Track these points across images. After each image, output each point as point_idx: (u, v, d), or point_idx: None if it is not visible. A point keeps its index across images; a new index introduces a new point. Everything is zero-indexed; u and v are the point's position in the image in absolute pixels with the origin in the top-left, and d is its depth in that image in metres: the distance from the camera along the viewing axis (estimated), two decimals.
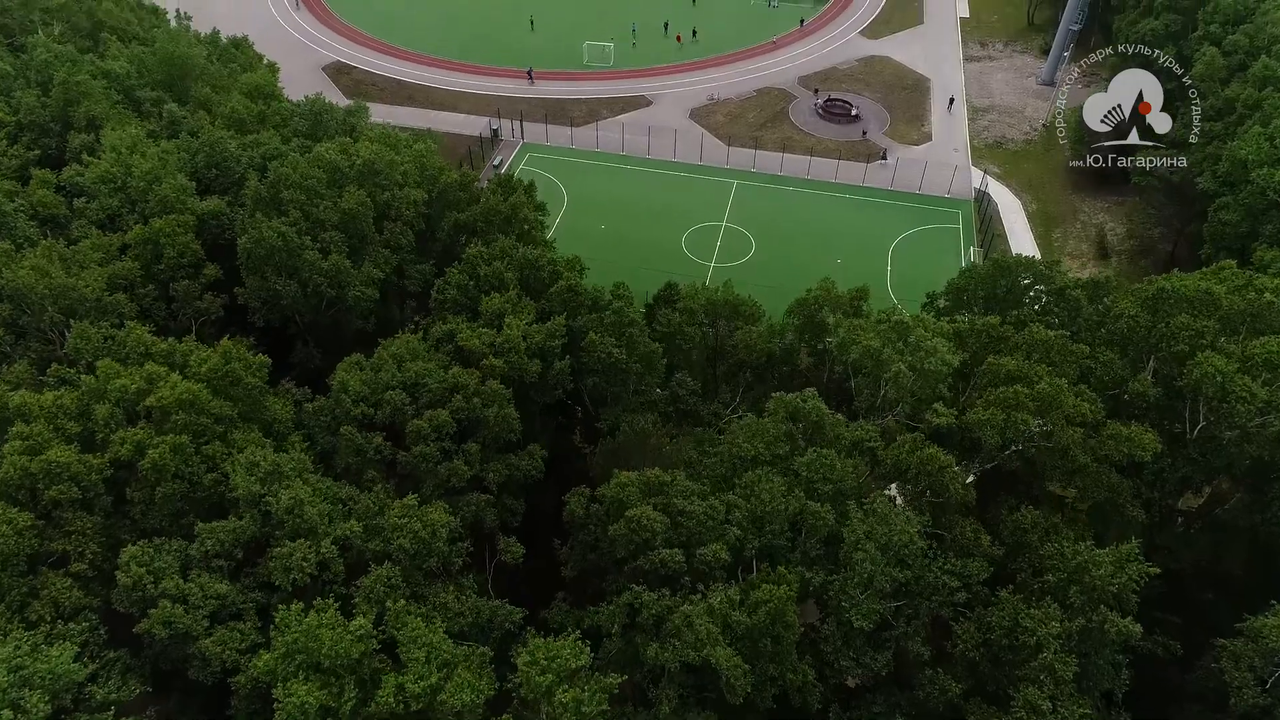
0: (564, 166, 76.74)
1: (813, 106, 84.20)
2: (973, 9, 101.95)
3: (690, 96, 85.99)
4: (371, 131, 44.06)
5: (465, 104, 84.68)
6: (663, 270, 66.28)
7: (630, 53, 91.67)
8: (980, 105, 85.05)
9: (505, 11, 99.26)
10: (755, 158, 76.96)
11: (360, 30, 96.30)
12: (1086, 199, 72.48)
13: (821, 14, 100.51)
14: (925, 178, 73.94)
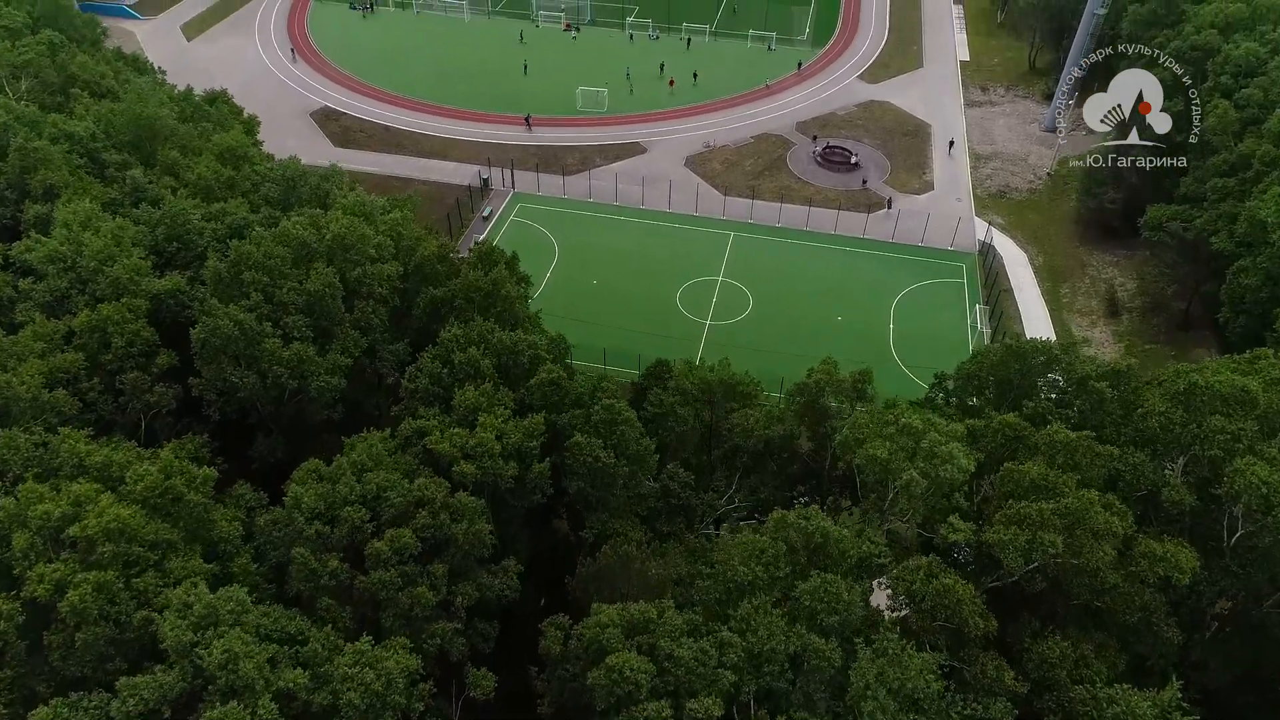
0: (555, 217, 74.46)
1: (811, 154, 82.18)
2: (973, 52, 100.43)
3: (686, 143, 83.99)
4: (345, 200, 41.57)
5: (456, 151, 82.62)
6: (656, 328, 63.91)
7: (625, 98, 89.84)
8: (983, 152, 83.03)
9: (498, 56, 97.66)
10: (752, 208, 74.72)
11: (351, 75, 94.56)
12: (1094, 252, 70.14)
13: (819, 57, 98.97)
14: (928, 229, 71.63)
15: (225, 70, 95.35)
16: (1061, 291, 67.17)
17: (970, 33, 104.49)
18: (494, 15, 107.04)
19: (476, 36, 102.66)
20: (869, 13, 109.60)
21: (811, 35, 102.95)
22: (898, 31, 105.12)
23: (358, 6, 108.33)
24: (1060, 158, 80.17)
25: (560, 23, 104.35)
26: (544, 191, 77.28)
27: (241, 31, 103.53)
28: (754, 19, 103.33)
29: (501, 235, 72.36)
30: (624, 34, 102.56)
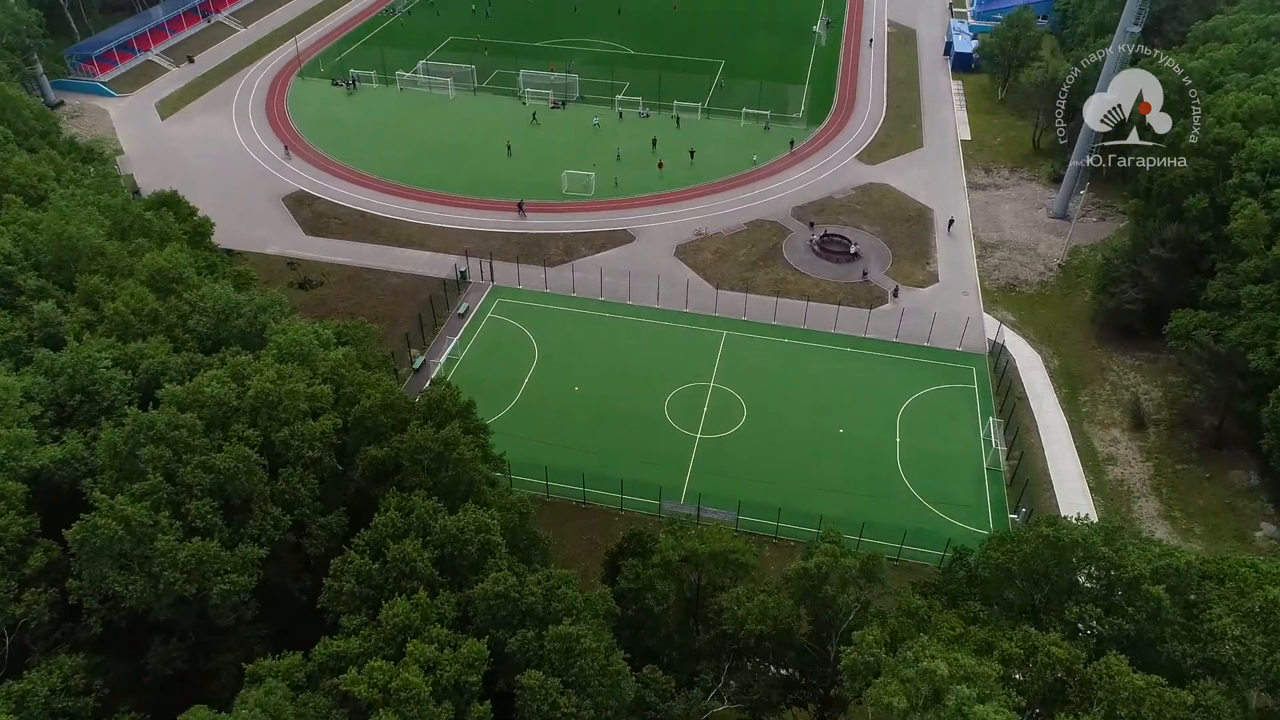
0: (536, 314, 69.74)
1: (808, 242, 77.88)
2: (974, 132, 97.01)
3: (676, 231, 79.76)
4: (281, 337, 36.59)
5: (434, 240, 78.31)
6: (642, 444, 58.65)
7: (613, 180, 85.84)
8: (989, 240, 78.74)
9: (481, 136, 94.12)
10: (746, 303, 70.05)
11: (328, 156, 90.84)
12: (1114, 354, 65.27)
13: (815, 136, 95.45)
14: (934, 327, 66.86)
15: (198, 151, 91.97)
16: (1080, 399, 62.12)
17: (970, 110, 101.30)
18: (480, 91, 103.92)
19: (461, 114, 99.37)
20: (866, 89, 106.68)
21: (807, 113, 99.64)
22: (896, 108, 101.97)
23: (340, 83, 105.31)
24: (1071, 247, 75.88)
25: (548, 100, 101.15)
26: (525, 284, 72.72)
27: (218, 110, 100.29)
28: (747, 96, 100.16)
29: (478, 335, 67.59)
30: (613, 111, 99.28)
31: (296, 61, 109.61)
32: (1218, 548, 50.62)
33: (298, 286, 72.49)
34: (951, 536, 50.84)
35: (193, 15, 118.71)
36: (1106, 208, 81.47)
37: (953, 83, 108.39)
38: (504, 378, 63.19)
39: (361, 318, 60.22)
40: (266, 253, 76.39)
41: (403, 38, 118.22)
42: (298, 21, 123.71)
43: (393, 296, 71.56)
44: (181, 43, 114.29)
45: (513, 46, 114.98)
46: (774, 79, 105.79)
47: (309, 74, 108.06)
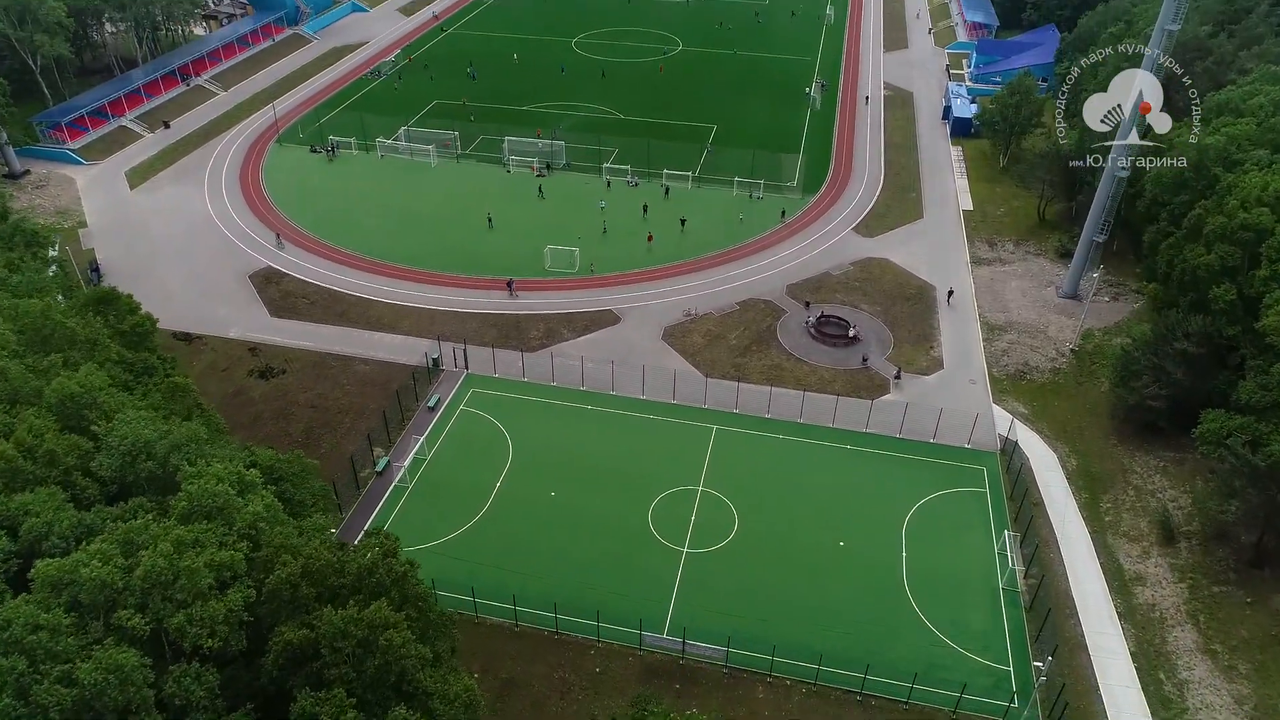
0: (512, 407, 64.82)
1: (804, 324, 73.30)
2: (976, 201, 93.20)
3: (664, 311, 75.24)
4: (194, 485, 31.50)
5: (407, 322, 73.72)
6: (624, 561, 53.24)
7: (599, 254, 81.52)
8: (995, 322, 74.19)
9: (462, 206, 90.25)
10: (738, 393, 65.20)
11: (300, 229, 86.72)
12: (1136, 453, 60.23)
13: (810, 207, 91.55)
14: (940, 422, 61.89)
15: (164, 223, 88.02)
16: (1102, 505, 56.92)
17: (972, 178, 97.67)
18: (462, 159, 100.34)
19: (443, 183, 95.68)
20: (863, 154, 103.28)
21: (802, 181, 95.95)
22: (894, 175, 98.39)
23: (319, 150, 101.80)
24: (1084, 330, 71.29)
25: (533, 167, 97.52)
26: (501, 372, 67.92)
27: (190, 178, 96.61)
28: (739, 164, 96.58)
29: (449, 431, 62.54)
30: (600, 180, 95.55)
31: (275, 128, 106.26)
32: (1267, 691, 45.13)
33: (258, 375, 67.70)
34: (967, 680, 45.56)
35: (171, 79, 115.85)
36: (1119, 286, 77.11)
37: (952, 148, 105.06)
38: (474, 482, 58.07)
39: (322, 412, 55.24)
40: (228, 336, 71.77)
41: (386, 103, 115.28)
42: (279, 85, 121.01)
43: (359, 386, 66.71)
44: (158, 107, 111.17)
45: (498, 111, 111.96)
46: (767, 146, 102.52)
47: (287, 140, 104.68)
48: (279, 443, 61.12)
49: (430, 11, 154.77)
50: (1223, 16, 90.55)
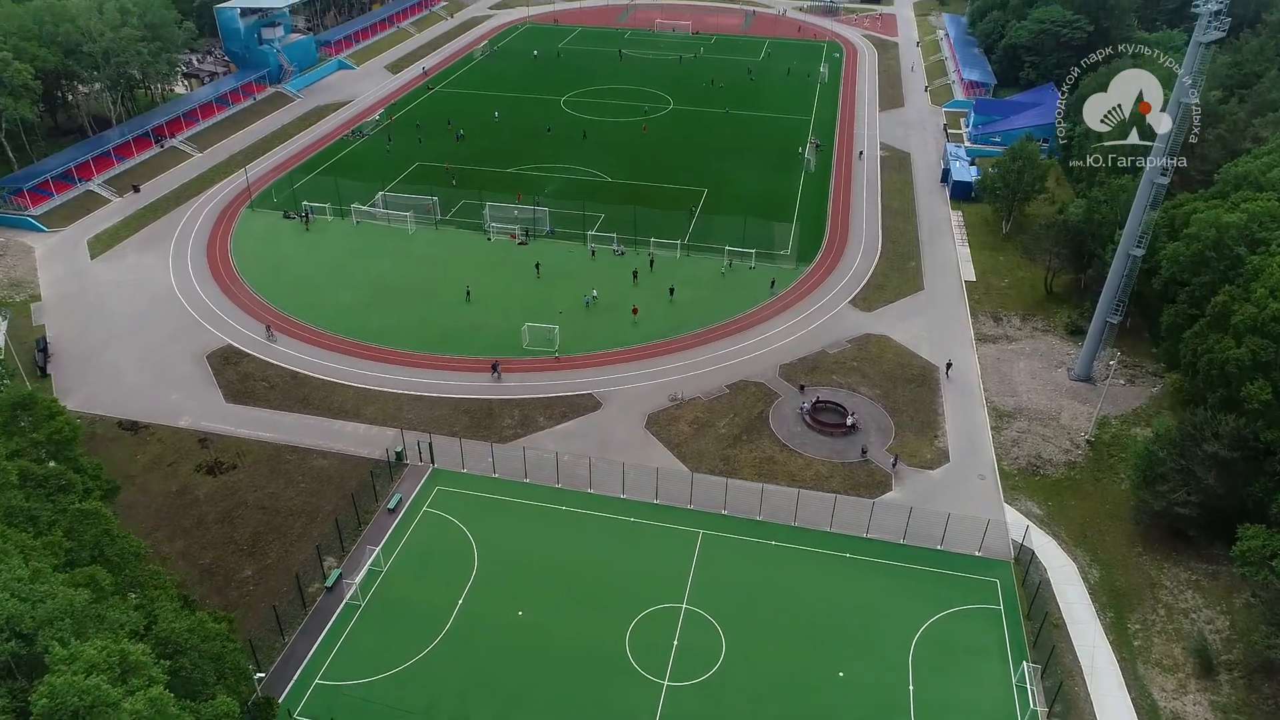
0: (480, 508, 59.38)
1: (799, 411, 68.21)
2: (979, 270, 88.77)
3: (648, 396, 70.17)
4: (60, 676, 26.01)
5: (372, 408, 68.57)
6: (598, 695, 47.40)
7: (580, 329, 76.76)
8: (1004, 407, 69.11)
9: (440, 277, 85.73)
10: (727, 492, 59.80)
11: (266, 303, 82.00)
12: (1165, 565, 54.70)
13: (804, 277, 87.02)
14: (948, 527, 56.44)
15: (123, 296, 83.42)
16: (1131, 627, 51.23)
17: (974, 246, 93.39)
18: (441, 225, 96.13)
19: (421, 251, 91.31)
20: (859, 219, 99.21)
21: (796, 249, 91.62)
22: (892, 243, 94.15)
23: (292, 215, 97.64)
24: (1100, 418, 66.18)
25: (513, 235, 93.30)
26: (471, 466, 62.61)
27: (155, 247, 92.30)
28: (729, 234, 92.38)
29: (409, 537, 57.03)
30: (585, 248, 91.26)
31: (247, 193, 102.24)
32: None
33: (205, 471, 62.36)
34: None
35: (145, 141, 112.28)
36: (1135, 368, 72.22)
37: (952, 213, 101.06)
38: (433, 600, 52.43)
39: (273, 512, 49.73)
40: (178, 426, 66.57)
41: (367, 165, 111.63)
42: (257, 146, 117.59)
43: (315, 484, 61.33)
44: (129, 170, 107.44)
45: (482, 174, 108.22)
46: (760, 212, 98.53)
47: (260, 206, 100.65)
48: (222, 551, 55.87)
49: (420, 67, 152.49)
50: (1231, 81, 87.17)
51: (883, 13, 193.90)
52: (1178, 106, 58.54)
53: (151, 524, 57.82)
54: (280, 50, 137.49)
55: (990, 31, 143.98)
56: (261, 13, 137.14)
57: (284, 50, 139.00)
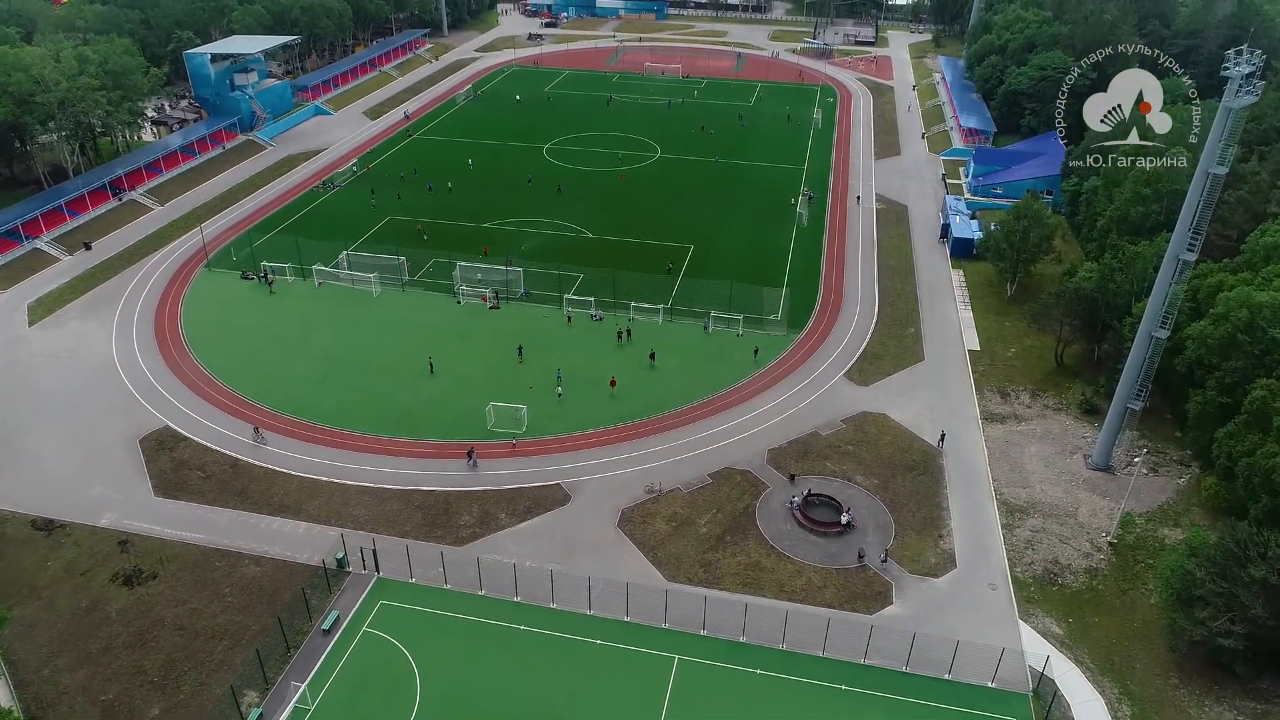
0: (427, 627, 52.46)
1: (788, 505, 61.60)
2: (983, 338, 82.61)
3: (623, 487, 63.57)
4: None
5: (315, 503, 61.89)
6: None
7: (551, 406, 70.27)
8: (1016, 501, 62.51)
9: (403, 346, 79.46)
10: (706, 608, 52.93)
11: (213, 377, 75.60)
12: (1206, 701, 47.77)
13: (796, 346, 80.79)
14: (958, 653, 49.55)
15: (58, 369, 77.06)
16: None
17: (977, 310, 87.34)
18: (409, 287, 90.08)
19: (385, 316, 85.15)
20: (854, 281, 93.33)
21: (786, 314, 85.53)
22: (890, 305, 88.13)
23: (251, 276, 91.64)
24: (1123, 516, 59.56)
25: (484, 297, 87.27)
26: (420, 575, 55.77)
27: (100, 311, 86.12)
28: (715, 296, 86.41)
29: (343, 666, 50.01)
30: (561, 312, 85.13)
31: (203, 251, 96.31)
32: None
33: (122, 581, 55.48)
34: None
35: (102, 194, 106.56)
36: (1159, 454, 65.77)
37: (953, 271, 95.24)
38: None
39: None
40: (98, 525, 59.83)
41: (335, 220, 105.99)
42: (222, 199, 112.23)
43: (244, 597, 54.45)
44: (81, 226, 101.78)
45: (455, 229, 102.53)
46: (750, 272, 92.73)
47: (218, 265, 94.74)
48: (128, 684, 48.91)
49: (402, 112, 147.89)
50: (1251, 138, 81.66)
51: (877, 55, 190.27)
52: (1205, 177, 52.65)
53: (53, 648, 50.90)
54: (253, 96, 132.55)
55: (989, 77, 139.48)
56: (234, 58, 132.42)
57: (257, 96, 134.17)
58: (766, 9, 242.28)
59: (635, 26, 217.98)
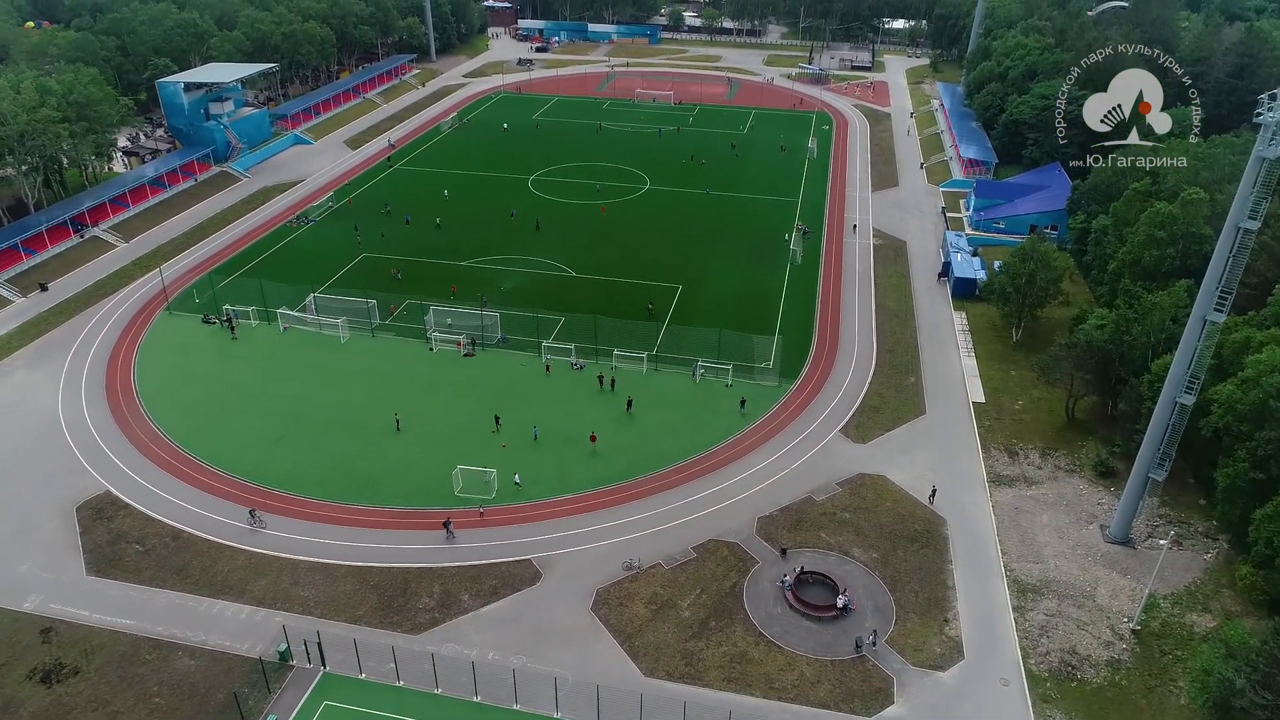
0: None
1: (778, 585, 56.27)
2: (989, 390, 77.50)
3: (599, 562, 58.25)
4: None
5: (261, 583, 56.53)
6: None
7: (525, 467, 64.93)
8: (1027, 579, 57.20)
9: (370, 398, 74.22)
10: (686, 712, 47.47)
11: (162, 434, 70.42)
12: None
13: (789, 398, 75.66)
14: None
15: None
16: None
17: (981, 357, 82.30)
18: (379, 332, 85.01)
19: (352, 364, 79.97)
20: (851, 324, 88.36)
21: (779, 363, 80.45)
22: (889, 352, 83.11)
23: (213, 320, 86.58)
24: (1148, 600, 54.22)
25: (459, 343, 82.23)
26: (370, 670, 50.32)
27: (49, 360, 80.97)
28: (703, 344, 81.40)
29: None
30: (540, 360, 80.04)
31: (163, 294, 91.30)
32: None
33: (40, 679, 50.01)
34: None
35: (63, 230, 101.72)
36: (1182, 525, 60.55)
37: (955, 314, 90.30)
38: None
39: None
40: (20, 610, 54.48)
41: (310, 256, 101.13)
42: (190, 235, 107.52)
43: (173, 698, 48.97)
44: (38, 266, 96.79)
45: (432, 268, 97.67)
46: (740, 314, 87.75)
47: (180, 308, 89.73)
48: None
49: (386, 139, 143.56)
50: None
51: (874, 80, 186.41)
52: (1235, 232, 47.79)
53: None
54: (228, 126, 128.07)
55: (989, 105, 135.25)
56: (208, 87, 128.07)
57: (233, 125, 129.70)
58: (761, 33, 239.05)
59: (628, 51, 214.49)
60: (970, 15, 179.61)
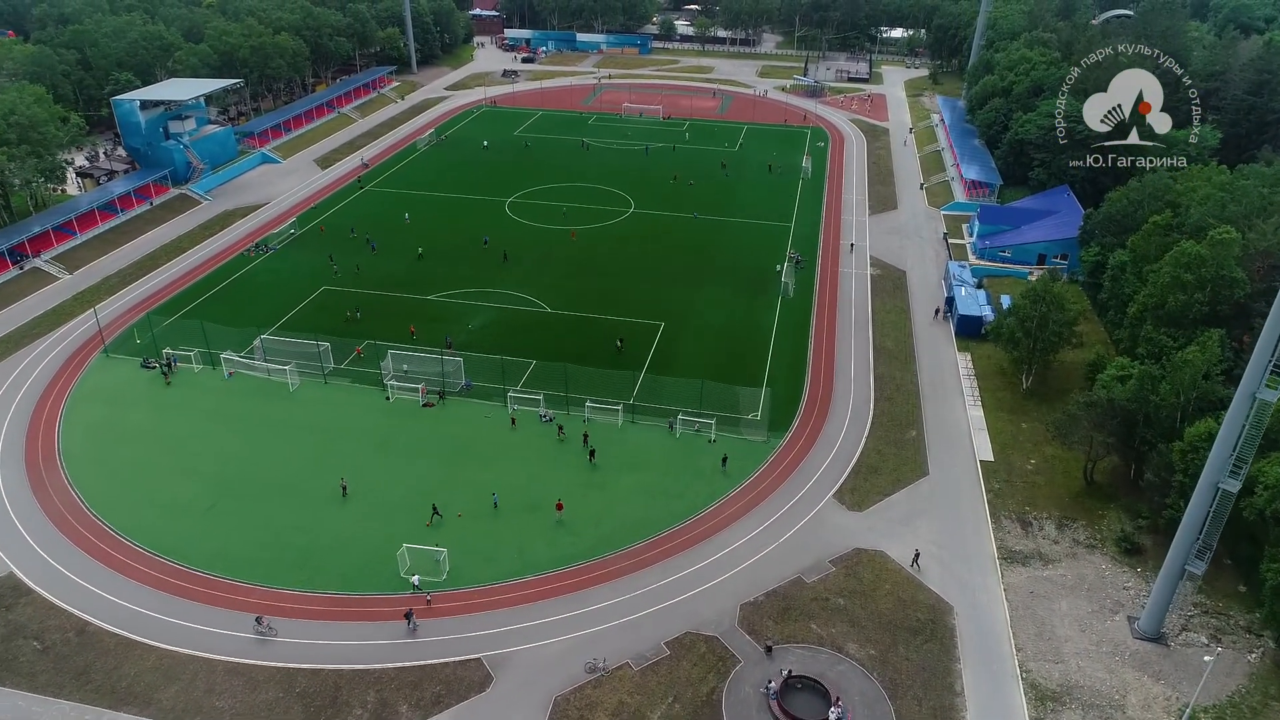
0: None
1: (763, 691, 49.18)
2: (997, 446, 70.53)
3: (558, 660, 51.16)
4: None
5: (173, 689, 49.39)
6: None
7: (481, 542, 57.83)
8: (1047, 683, 50.10)
9: (315, 457, 67.11)
10: None
11: (81, 502, 63.31)
12: None
13: (777, 457, 68.65)
14: None
15: None
16: None
17: (988, 405, 75.32)
18: (333, 378, 77.93)
19: (300, 417, 72.87)
20: (846, 367, 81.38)
21: (767, 414, 73.46)
22: (888, 401, 76.10)
23: (152, 364, 79.54)
24: (1187, 712, 47.14)
25: (421, 390, 75.22)
26: None
27: None
28: (685, 394, 74.41)
29: None
30: (505, 411, 73.04)
31: (99, 336, 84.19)
32: None
33: None
34: None
35: (1, 262, 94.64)
36: (1221, 616, 53.56)
37: (959, 355, 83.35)
38: None
39: None
40: None
41: (266, 289, 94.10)
42: (140, 265, 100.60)
43: None
44: None
45: (395, 302, 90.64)
46: (726, 360, 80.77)
47: (119, 350, 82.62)
48: None
49: (360, 158, 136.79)
50: None
51: (871, 93, 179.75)
52: None
53: None
54: (188, 145, 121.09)
55: (992, 122, 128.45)
56: (168, 104, 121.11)
57: (195, 145, 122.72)
58: (755, 43, 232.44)
59: (617, 62, 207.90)
60: (971, 25, 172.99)
